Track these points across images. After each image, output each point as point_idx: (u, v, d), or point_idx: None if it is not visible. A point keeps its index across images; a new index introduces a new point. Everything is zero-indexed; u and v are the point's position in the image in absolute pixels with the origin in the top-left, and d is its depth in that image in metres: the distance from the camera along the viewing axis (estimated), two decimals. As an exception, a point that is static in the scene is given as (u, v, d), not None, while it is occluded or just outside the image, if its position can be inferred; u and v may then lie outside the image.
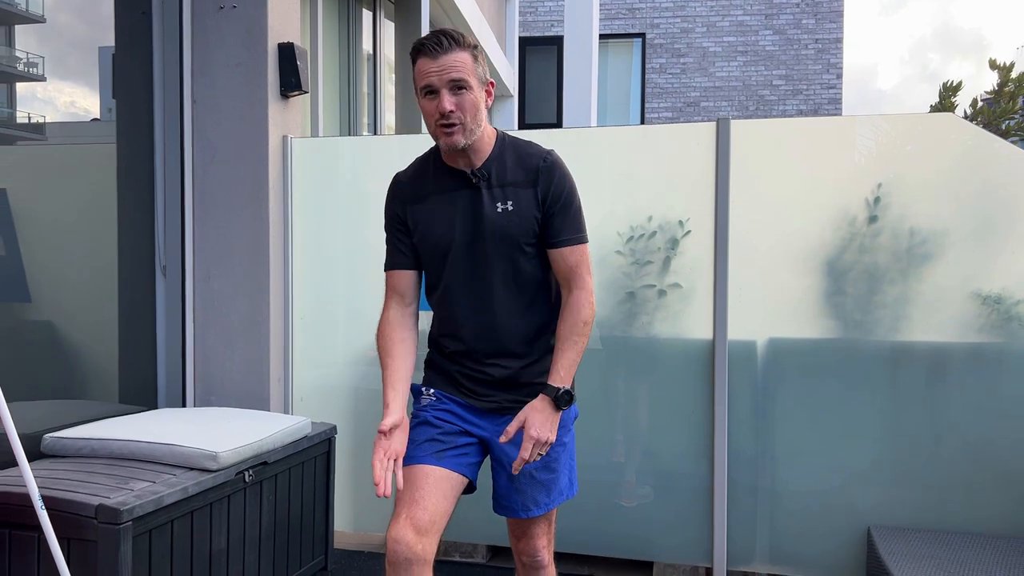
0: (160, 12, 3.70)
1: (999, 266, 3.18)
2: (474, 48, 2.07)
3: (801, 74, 15.08)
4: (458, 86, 2.02)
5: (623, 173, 3.52)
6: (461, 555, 3.72)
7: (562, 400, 2.08)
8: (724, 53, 15.31)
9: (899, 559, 2.94)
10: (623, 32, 15.50)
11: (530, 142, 2.20)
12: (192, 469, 2.76)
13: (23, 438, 2.25)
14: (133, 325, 3.62)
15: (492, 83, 2.13)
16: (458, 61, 2.01)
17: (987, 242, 3.18)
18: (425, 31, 6.38)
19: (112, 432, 2.88)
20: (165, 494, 2.52)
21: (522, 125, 14.40)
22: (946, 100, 13.73)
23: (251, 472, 2.95)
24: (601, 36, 15.15)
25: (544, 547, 2.34)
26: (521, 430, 2.09)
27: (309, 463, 3.39)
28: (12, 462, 2.75)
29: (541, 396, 2.10)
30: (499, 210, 2.12)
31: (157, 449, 2.78)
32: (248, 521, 2.98)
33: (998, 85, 13.43)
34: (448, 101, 2.01)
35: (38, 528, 2.29)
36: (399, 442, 2.07)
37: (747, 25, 15.19)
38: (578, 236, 2.16)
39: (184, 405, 3.77)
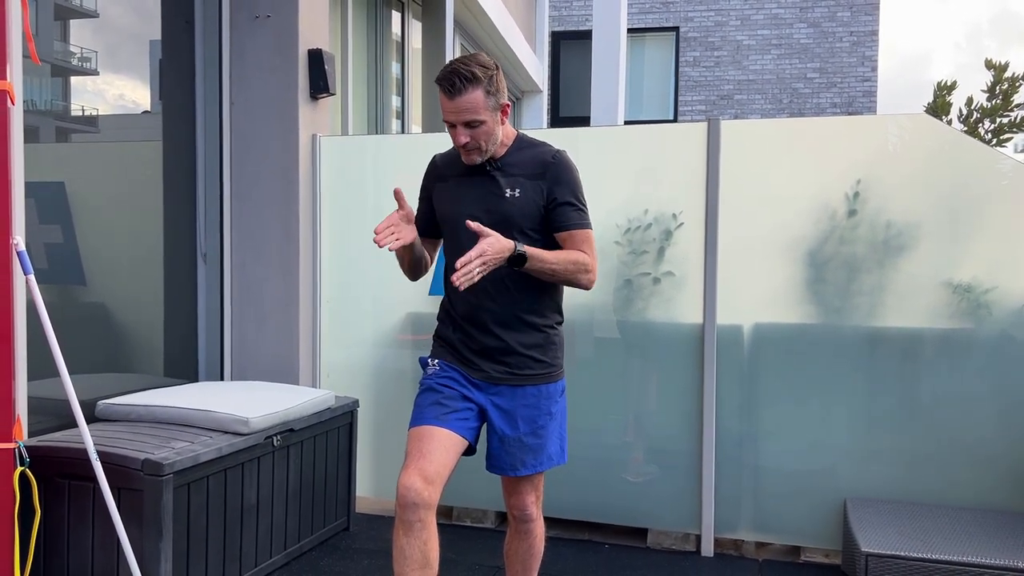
0: (202, 21, 4.06)
1: (969, 257, 3.40)
2: (489, 78, 2.32)
3: (836, 67, 15.08)
4: (472, 124, 2.33)
5: (622, 169, 3.79)
6: (472, 520, 4.05)
7: (516, 257, 2.28)
8: (758, 46, 15.36)
9: (866, 527, 3.20)
10: (657, 26, 15.63)
11: (544, 143, 2.51)
12: (226, 432, 3.12)
13: (80, 404, 2.62)
14: (177, 306, 4.00)
15: (507, 105, 2.41)
16: (471, 102, 2.29)
17: (958, 234, 3.41)
18: (449, 31, 6.68)
19: (157, 400, 3.25)
20: (202, 452, 2.87)
21: (555, 119, 14.66)
22: (940, 99, 13.75)
23: (279, 437, 3.30)
24: (637, 30, 15.33)
25: (532, 503, 2.63)
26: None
27: (333, 432, 3.73)
28: (72, 423, 3.14)
29: (509, 241, 2.30)
30: (507, 195, 2.42)
31: (195, 414, 3.14)
32: (276, 481, 3.34)
33: (991, 84, 13.50)
34: (464, 135, 2.34)
35: (93, 479, 2.66)
36: (406, 229, 2.36)
37: (781, 18, 15.22)
38: (582, 222, 2.44)
39: (222, 379, 4.14)
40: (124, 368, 3.70)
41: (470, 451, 2.52)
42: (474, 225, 2.26)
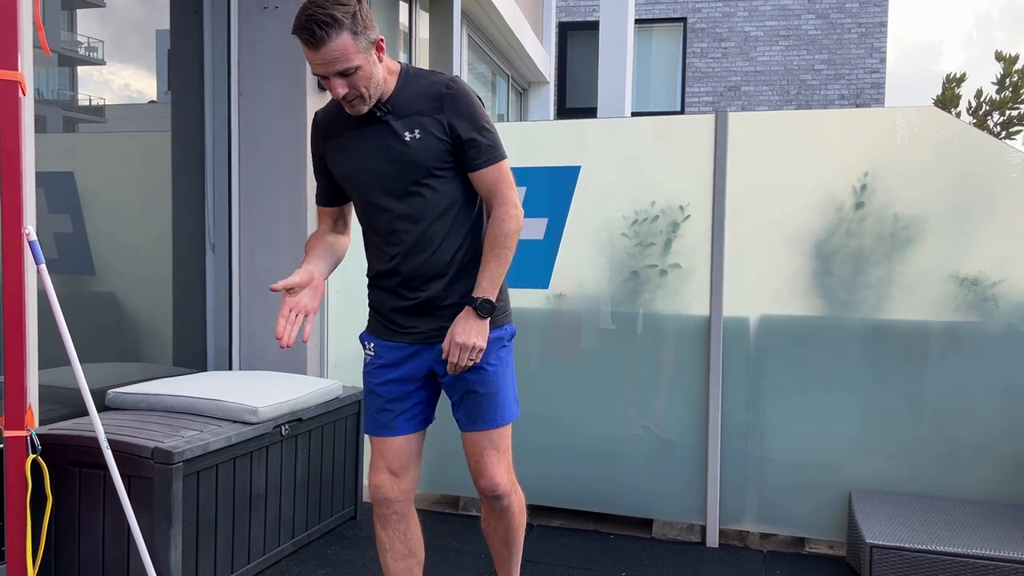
0: (211, 11, 4.07)
1: (976, 250, 3.40)
2: (352, 16, 2.05)
3: (844, 58, 15.02)
4: (346, 73, 2.09)
5: (629, 161, 3.80)
6: (478, 510, 4.06)
7: (482, 309, 2.22)
8: (766, 37, 15.31)
9: (870, 518, 3.21)
10: (664, 17, 15.59)
11: (433, 71, 2.29)
12: (235, 421, 3.14)
13: (91, 393, 2.64)
14: (185, 297, 4.02)
15: (381, 39, 2.16)
16: (338, 50, 2.04)
17: (965, 228, 3.41)
18: (457, 22, 6.67)
19: (166, 389, 3.28)
20: (211, 441, 2.90)
21: (561, 110, 14.64)
22: (948, 91, 13.74)
23: (287, 426, 3.33)
24: (645, 21, 15.29)
25: (502, 475, 2.40)
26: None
27: (340, 422, 3.76)
28: (82, 412, 3.17)
29: (465, 307, 2.25)
30: (407, 139, 2.20)
31: (205, 404, 3.17)
32: (284, 470, 3.36)
33: (1000, 76, 13.51)
34: (340, 86, 2.10)
35: (104, 467, 2.69)
36: (308, 298, 2.20)
37: (789, 9, 15.16)
38: (493, 156, 2.24)
39: (230, 368, 4.17)
40: (134, 357, 3.72)
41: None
42: (449, 369, 2.27)
